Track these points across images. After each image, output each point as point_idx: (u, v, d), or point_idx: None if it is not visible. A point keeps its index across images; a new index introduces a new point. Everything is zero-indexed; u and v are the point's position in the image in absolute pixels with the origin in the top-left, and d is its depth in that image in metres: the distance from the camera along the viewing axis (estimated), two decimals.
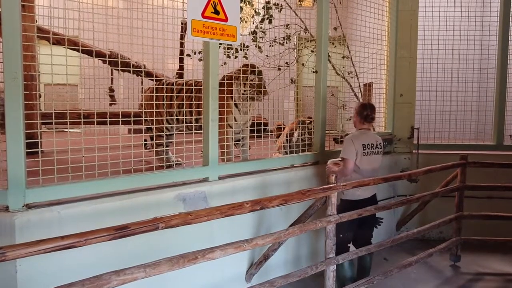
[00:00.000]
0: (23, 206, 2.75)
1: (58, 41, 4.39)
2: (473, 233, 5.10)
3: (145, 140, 5.31)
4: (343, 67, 5.81)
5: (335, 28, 5.60)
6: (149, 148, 5.10)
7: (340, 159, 3.92)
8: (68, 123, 3.12)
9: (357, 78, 5.88)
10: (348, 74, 5.84)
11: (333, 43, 5.58)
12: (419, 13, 5.89)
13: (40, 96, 5.01)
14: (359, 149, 3.80)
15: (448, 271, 4.84)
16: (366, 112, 3.93)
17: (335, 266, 3.46)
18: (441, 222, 4.73)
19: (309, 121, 4.89)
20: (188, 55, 4.89)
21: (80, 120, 3.22)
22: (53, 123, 3.20)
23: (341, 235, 3.79)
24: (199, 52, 4.48)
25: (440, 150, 5.86)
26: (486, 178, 5.12)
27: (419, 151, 5.67)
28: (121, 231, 2.21)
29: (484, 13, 6.77)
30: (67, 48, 3.35)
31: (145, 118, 4.76)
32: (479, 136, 6.62)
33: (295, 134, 4.96)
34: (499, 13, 5.92)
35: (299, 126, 4.93)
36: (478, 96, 6.78)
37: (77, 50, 4.17)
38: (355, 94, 5.92)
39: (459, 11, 6.07)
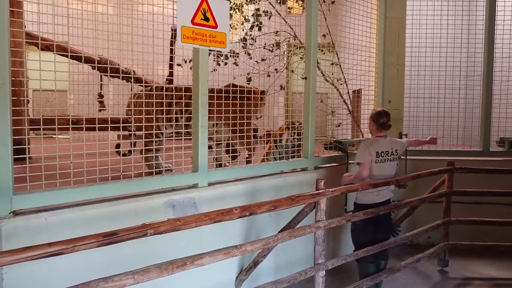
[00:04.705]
0: (9, 213, 2.71)
1: (47, 46, 4.37)
2: (461, 238, 5.15)
3: (118, 146, 5.09)
4: (332, 73, 5.86)
5: (324, 35, 5.65)
6: (125, 154, 4.94)
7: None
8: (57, 129, 3.10)
9: (346, 85, 5.93)
10: (337, 80, 5.89)
11: (322, 50, 5.63)
12: (407, 21, 5.98)
13: (28, 102, 4.98)
14: (373, 155, 3.89)
15: (436, 276, 4.89)
16: (382, 120, 4.02)
17: (324, 271, 3.47)
18: (429, 227, 4.77)
19: (298, 124, 4.93)
20: (179, 64, 4.90)
21: (68, 126, 3.21)
22: (41, 129, 3.18)
23: (357, 239, 3.99)
24: (190, 61, 4.49)
25: (428, 156, 5.92)
26: (473, 184, 5.18)
27: (408, 157, 5.72)
28: (110, 238, 2.20)
29: (470, 21, 6.87)
30: (56, 54, 3.34)
31: (137, 124, 4.74)
32: (466, 142, 6.70)
33: (284, 136, 4.99)
34: (485, 22, 6.03)
35: (289, 127, 4.96)
36: (465, 102, 6.88)
37: (66, 56, 4.16)
38: (344, 101, 5.97)
39: (446, 19, 6.17)
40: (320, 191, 3.42)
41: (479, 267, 5.11)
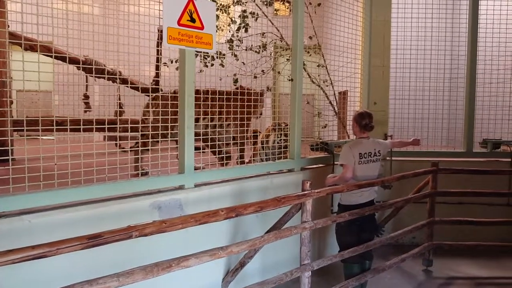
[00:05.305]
0: None
1: (31, 46, 4.32)
2: (445, 238, 5.23)
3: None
4: (319, 75, 5.90)
5: (310, 37, 5.68)
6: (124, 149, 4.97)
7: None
8: (40, 130, 3.07)
9: (332, 86, 5.97)
10: (324, 82, 5.93)
11: (308, 52, 5.66)
12: (392, 24, 6.05)
13: (11, 102, 4.91)
14: (356, 157, 3.91)
15: (420, 275, 4.95)
16: (364, 122, 4.04)
17: (310, 272, 3.49)
18: (414, 227, 4.83)
19: (285, 125, 4.96)
20: (165, 63, 4.89)
21: (53, 127, 3.17)
22: (25, 130, 3.14)
23: (341, 240, 4.01)
24: (176, 61, 4.48)
25: (413, 157, 6.00)
26: (457, 184, 5.27)
27: (393, 158, 5.79)
28: (94, 240, 2.19)
29: (454, 25, 7.00)
30: (40, 54, 3.30)
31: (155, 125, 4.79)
32: (450, 143, 6.81)
33: (271, 138, 5.01)
34: (468, 25, 6.13)
35: (275, 129, 4.98)
36: (449, 104, 6.98)
37: (51, 56, 4.12)
38: (330, 102, 6.01)
39: (430, 22, 6.26)
40: (306, 192, 3.44)
41: (463, 266, 5.19)
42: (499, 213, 5.42)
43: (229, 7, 5.21)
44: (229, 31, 5.41)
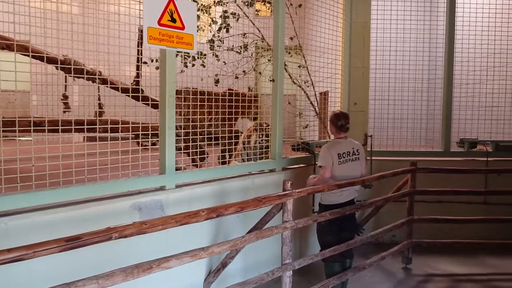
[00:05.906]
0: None
1: (8, 45, 4.23)
2: (424, 236, 5.33)
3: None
4: (300, 76, 5.93)
5: (291, 38, 5.71)
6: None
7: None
8: (17, 131, 3.01)
9: (313, 87, 6.02)
10: (305, 83, 5.97)
11: (289, 53, 5.69)
12: (372, 25, 6.14)
13: None
14: (334, 157, 3.95)
15: (400, 273, 5.03)
16: (340, 123, 4.09)
17: (291, 271, 3.52)
18: (393, 226, 4.90)
19: (266, 125, 4.98)
20: (145, 62, 4.85)
21: (30, 128, 3.12)
22: (1, 131, 3.08)
23: (322, 239, 4.05)
24: (156, 60, 4.46)
25: (392, 157, 6.09)
26: (435, 183, 5.36)
27: (373, 158, 5.86)
28: (72, 242, 2.16)
29: (432, 26, 7.13)
30: (17, 53, 3.24)
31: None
32: (428, 142, 6.93)
33: (252, 138, 5.02)
34: (445, 27, 6.25)
35: (257, 129, 5.00)
36: (427, 104, 7.11)
37: (28, 56, 4.04)
38: (311, 103, 6.06)
39: (409, 24, 6.37)
40: (287, 192, 3.45)
41: (441, 263, 5.30)
42: (476, 211, 5.55)
43: (210, 7, 5.20)
44: (210, 32, 5.40)
